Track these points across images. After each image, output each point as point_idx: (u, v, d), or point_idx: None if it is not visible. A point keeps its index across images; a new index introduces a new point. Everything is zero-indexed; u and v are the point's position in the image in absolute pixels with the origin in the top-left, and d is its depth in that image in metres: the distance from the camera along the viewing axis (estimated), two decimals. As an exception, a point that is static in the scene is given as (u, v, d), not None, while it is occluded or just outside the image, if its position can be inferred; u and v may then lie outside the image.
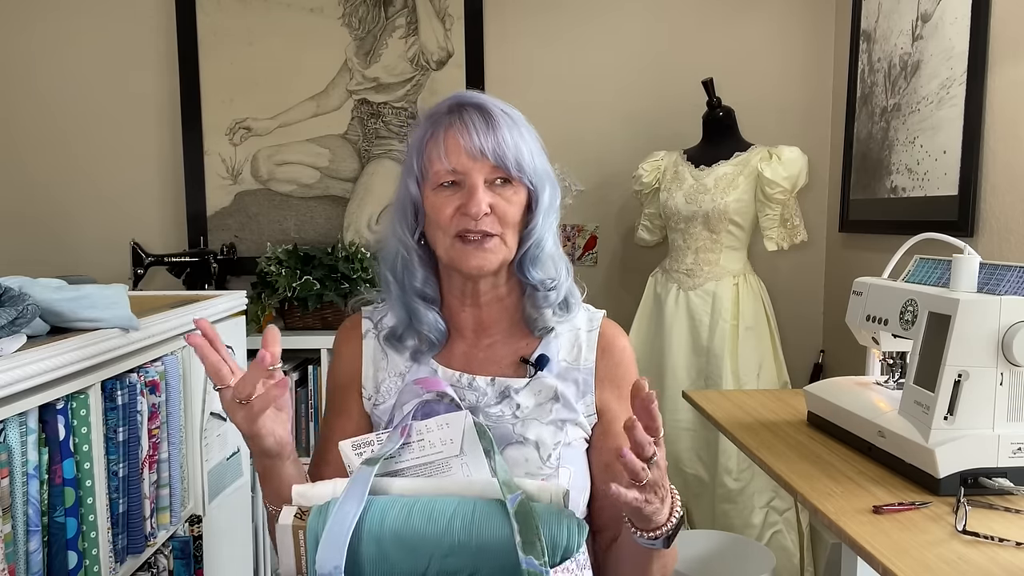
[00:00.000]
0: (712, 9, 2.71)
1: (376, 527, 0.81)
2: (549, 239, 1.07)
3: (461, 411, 0.97)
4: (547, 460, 1.00)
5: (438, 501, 0.83)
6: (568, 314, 1.10)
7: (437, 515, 0.81)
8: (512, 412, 1.03)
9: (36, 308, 1.08)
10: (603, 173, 2.74)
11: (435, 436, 0.95)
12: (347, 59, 2.72)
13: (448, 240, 1.02)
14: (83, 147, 2.76)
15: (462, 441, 0.94)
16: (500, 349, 1.09)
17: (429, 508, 0.82)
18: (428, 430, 0.95)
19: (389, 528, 0.81)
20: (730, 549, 1.99)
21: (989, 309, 1.17)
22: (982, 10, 1.83)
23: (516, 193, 1.03)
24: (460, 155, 1.00)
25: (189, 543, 1.46)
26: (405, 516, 0.81)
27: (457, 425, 0.95)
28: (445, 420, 0.96)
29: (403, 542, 0.80)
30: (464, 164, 1.00)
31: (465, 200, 1.00)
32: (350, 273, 2.49)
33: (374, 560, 0.80)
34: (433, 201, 1.02)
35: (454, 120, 1.01)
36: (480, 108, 1.02)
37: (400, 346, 1.09)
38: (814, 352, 2.78)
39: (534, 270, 1.06)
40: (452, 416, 0.96)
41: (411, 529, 0.81)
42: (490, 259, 1.02)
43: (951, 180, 1.93)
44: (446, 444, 0.94)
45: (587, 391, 1.07)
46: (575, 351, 1.08)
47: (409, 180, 1.05)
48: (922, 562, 0.97)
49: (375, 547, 0.80)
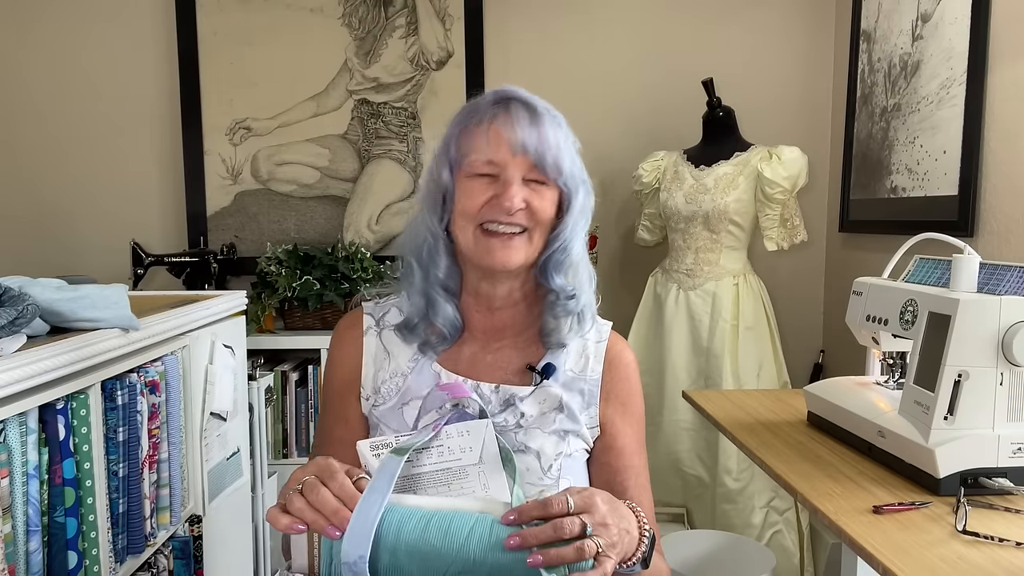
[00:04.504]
0: (712, 9, 2.71)
1: (392, 538, 0.79)
2: (577, 244, 1.04)
3: (483, 420, 0.96)
4: (548, 470, 0.99)
5: (456, 516, 0.81)
6: (581, 328, 1.07)
7: (454, 531, 0.80)
8: (516, 421, 1.01)
9: (36, 308, 1.08)
10: (603, 173, 2.74)
11: (455, 443, 0.94)
12: (347, 59, 2.72)
13: (471, 229, 1.00)
14: (83, 147, 2.76)
15: (482, 450, 0.93)
16: (508, 354, 1.07)
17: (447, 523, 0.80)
18: (448, 436, 0.94)
19: (405, 540, 0.79)
20: (730, 549, 1.99)
21: (989, 309, 1.17)
22: (982, 10, 1.83)
23: (550, 192, 1.01)
24: (501, 147, 0.98)
25: (189, 543, 1.46)
26: (422, 529, 0.80)
27: (478, 434, 0.94)
28: (466, 427, 0.95)
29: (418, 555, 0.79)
30: (503, 157, 0.98)
31: (500, 192, 0.98)
32: (350, 273, 2.49)
33: (387, 570, 0.79)
34: (466, 188, 1.00)
35: (499, 112, 0.99)
36: (527, 104, 1.01)
37: (410, 336, 1.06)
38: (814, 352, 2.78)
39: (557, 276, 1.03)
40: (473, 424, 0.95)
41: (427, 543, 0.79)
42: (514, 256, 0.99)
43: (951, 180, 1.93)
44: (465, 451, 0.94)
45: (592, 403, 1.06)
46: (582, 361, 1.07)
47: (442, 167, 1.02)
48: (922, 562, 0.97)
49: (389, 557, 0.79)
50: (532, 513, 0.79)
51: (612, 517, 0.81)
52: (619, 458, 1.05)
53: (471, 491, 0.92)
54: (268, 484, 2.06)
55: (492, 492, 0.92)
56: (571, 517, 0.78)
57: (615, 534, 0.80)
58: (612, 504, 0.83)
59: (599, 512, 0.80)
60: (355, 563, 0.77)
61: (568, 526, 0.77)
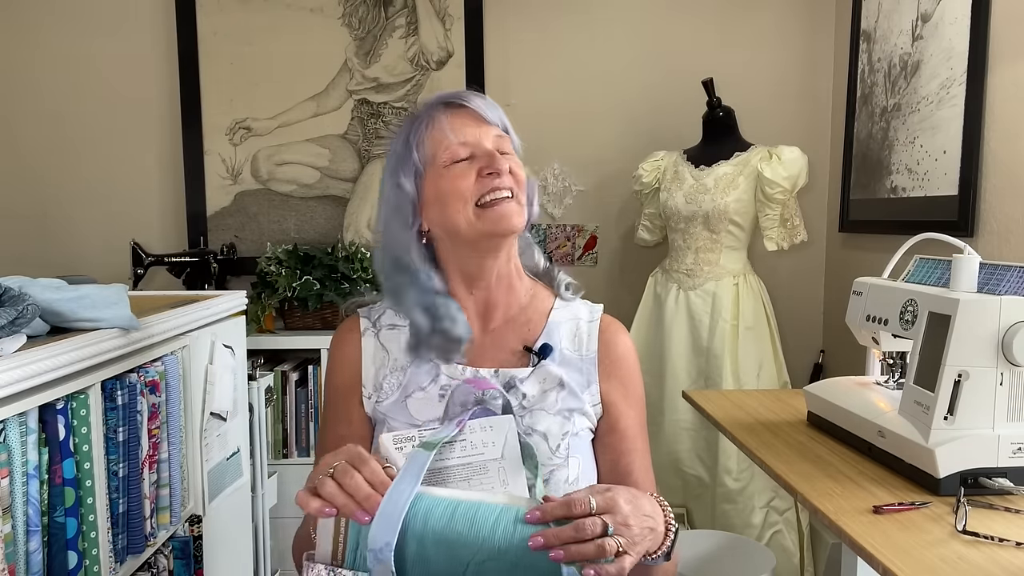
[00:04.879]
0: (712, 9, 2.71)
1: (419, 526, 0.80)
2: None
3: (507, 415, 0.97)
4: (556, 451, 1.01)
5: (482, 506, 0.81)
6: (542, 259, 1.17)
7: (480, 520, 0.80)
8: (519, 403, 1.03)
9: (36, 308, 1.08)
10: (603, 173, 2.74)
11: (478, 437, 0.94)
12: (347, 59, 2.72)
13: (470, 209, 1.02)
14: (83, 147, 2.76)
15: (504, 446, 0.94)
16: (505, 335, 1.09)
17: (472, 512, 0.81)
18: (471, 431, 0.95)
19: (432, 528, 0.80)
20: (730, 549, 1.99)
21: (989, 309, 1.17)
22: (982, 10, 1.83)
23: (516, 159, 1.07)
24: (468, 127, 1.04)
25: (189, 543, 1.46)
26: (448, 517, 0.80)
27: (501, 429, 0.95)
28: (490, 423, 0.95)
29: (444, 543, 0.80)
30: (474, 134, 1.04)
31: (486, 162, 1.03)
32: (350, 273, 2.49)
33: (413, 559, 0.80)
34: (448, 177, 1.03)
35: (449, 103, 1.07)
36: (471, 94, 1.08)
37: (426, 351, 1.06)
38: (814, 352, 2.78)
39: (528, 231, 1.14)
40: (497, 420, 0.96)
41: (453, 531, 0.80)
42: (516, 219, 1.04)
43: (951, 180, 1.93)
44: (487, 446, 0.94)
45: (591, 380, 1.07)
46: (577, 340, 1.09)
47: (404, 179, 1.05)
48: (922, 562, 0.97)
49: (416, 546, 0.80)
50: (556, 512, 0.79)
51: (635, 517, 0.82)
52: (623, 441, 1.06)
53: (491, 487, 0.93)
54: (268, 484, 2.06)
55: (511, 488, 0.92)
56: (593, 518, 0.79)
57: (636, 533, 0.81)
58: (635, 503, 0.83)
59: (621, 513, 0.81)
60: (381, 550, 0.77)
61: (590, 527, 0.78)
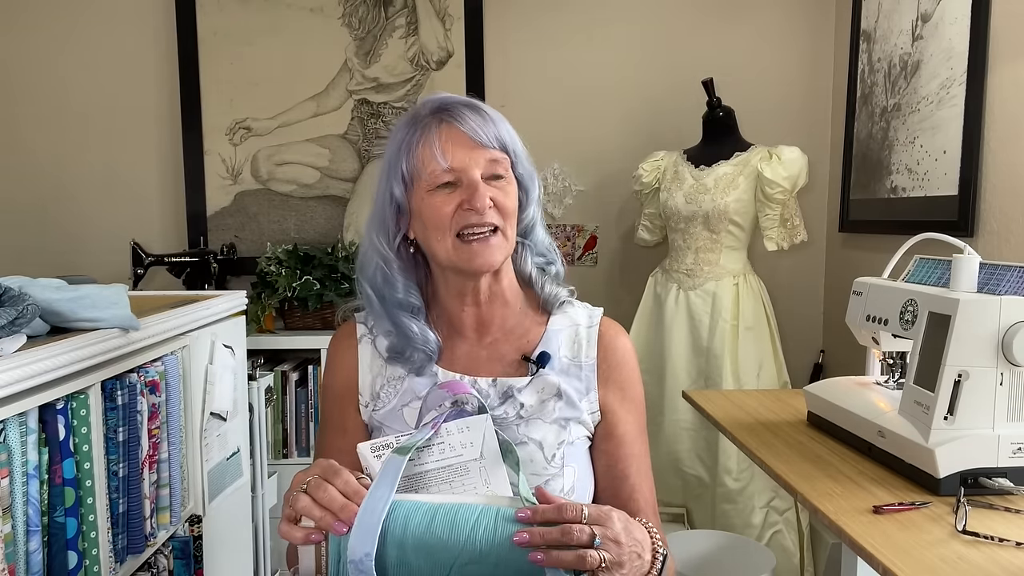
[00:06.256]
0: (712, 9, 2.71)
1: (399, 532, 0.79)
2: (540, 227, 1.11)
3: (482, 415, 0.96)
4: (551, 460, 1.00)
5: (461, 508, 0.81)
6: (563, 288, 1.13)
7: (460, 522, 0.80)
8: (516, 412, 1.02)
9: (36, 308, 1.08)
10: (603, 173, 2.74)
11: (455, 439, 0.94)
12: (347, 59, 2.72)
13: (449, 241, 1.00)
14: (83, 147, 2.76)
15: (482, 446, 0.93)
16: (502, 346, 1.08)
17: (452, 515, 0.81)
18: (449, 433, 0.94)
19: (411, 533, 0.80)
20: (730, 549, 1.99)
21: (989, 309, 1.17)
22: (982, 10, 1.83)
23: (510, 185, 1.03)
24: (456, 151, 0.99)
25: (189, 543, 1.46)
26: (428, 522, 0.80)
27: (478, 428, 0.94)
28: (466, 423, 0.95)
29: (424, 548, 0.79)
30: (461, 160, 0.99)
31: (467, 196, 0.98)
32: (350, 273, 2.49)
33: (395, 566, 0.79)
34: (430, 203, 1.00)
35: (444, 118, 1.00)
36: (469, 105, 1.02)
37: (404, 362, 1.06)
38: (814, 352, 2.78)
39: (534, 256, 1.11)
40: (473, 420, 0.96)
41: (433, 535, 0.79)
42: (496, 255, 1.01)
43: (951, 180, 1.93)
44: (466, 447, 0.94)
45: (590, 388, 1.06)
46: (576, 347, 1.08)
47: (394, 184, 1.02)
48: (922, 562, 0.97)
49: (397, 552, 0.79)
50: (547, 515, 0.79)
51: (625, 537, 0.81)
52: (620, 446, 1.05)
53: (472, 488, 0.92)
54: (268, 484, 2.06)
55: (493, 487, 0.92)
56: (581, 525, 0.78)
57: (625, 554, 0.80)
58: (628, 525, 0.82)
59: (613, 528, 0.80)
60: (361, 560, 0.77)
61: (577, 533, 0.77)
